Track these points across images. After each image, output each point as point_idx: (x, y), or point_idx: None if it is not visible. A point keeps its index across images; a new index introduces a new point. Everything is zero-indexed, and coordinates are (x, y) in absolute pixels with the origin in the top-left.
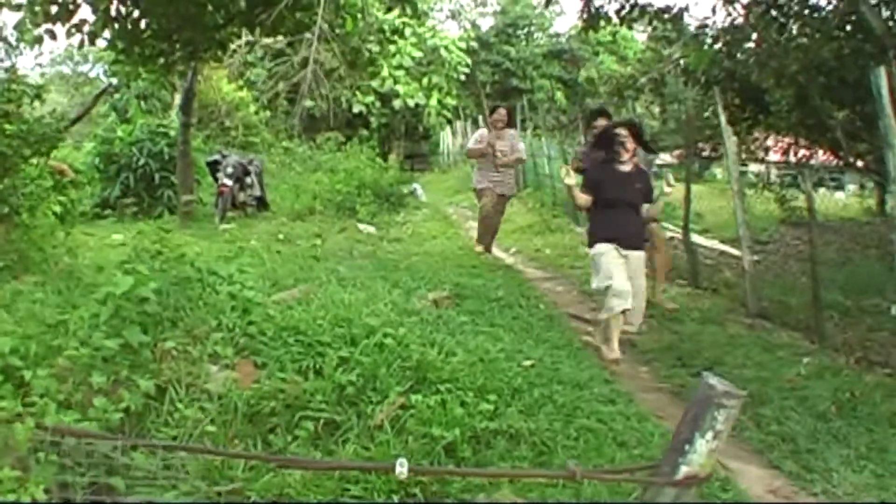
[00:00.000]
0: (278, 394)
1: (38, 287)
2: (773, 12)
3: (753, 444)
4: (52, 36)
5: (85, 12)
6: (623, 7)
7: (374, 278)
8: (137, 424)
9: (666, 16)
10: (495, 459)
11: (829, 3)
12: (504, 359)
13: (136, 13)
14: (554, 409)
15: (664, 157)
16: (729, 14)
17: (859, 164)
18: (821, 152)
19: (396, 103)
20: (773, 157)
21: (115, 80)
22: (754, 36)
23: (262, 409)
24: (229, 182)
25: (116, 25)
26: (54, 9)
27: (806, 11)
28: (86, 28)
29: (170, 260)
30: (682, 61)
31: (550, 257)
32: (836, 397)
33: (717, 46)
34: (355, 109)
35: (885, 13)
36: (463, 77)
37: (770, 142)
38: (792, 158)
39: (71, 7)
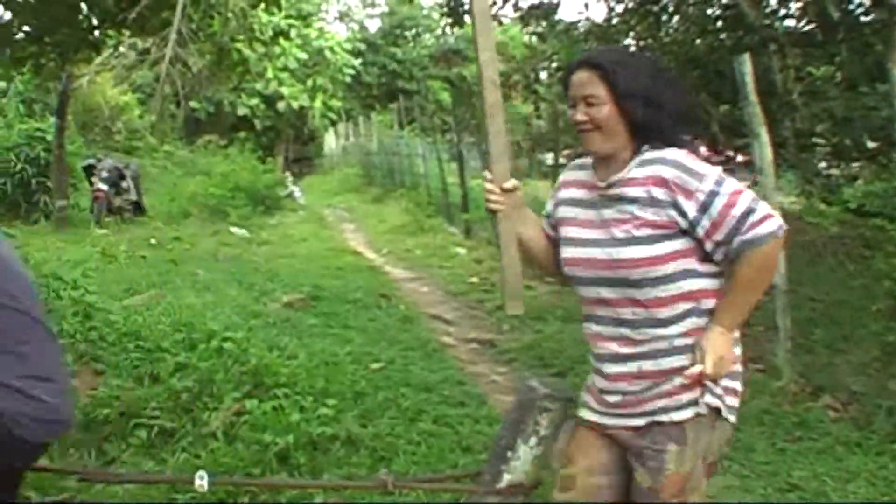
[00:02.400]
0: (114, 401)
1: None
2: (652, 7)
3: None
4: None
5: None
6: (494, 2)
7: (229, 282)
8: None
9: (537, 11)
10: (331, 466)
11: None
12: (351, 361)
13: (7, 15)
14: (398, 412)
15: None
16: (610, 11)
17: (740, 158)
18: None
19: (281, 105)
20: None
21: None
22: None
23: (97, 416)
24: (104, 186)
25: None
26: None
27: (683, 5)
28: None
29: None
30: (554, 58)
31: (420, 258)
32: None
33: (591, 42)
34: (240, 112)
35: (764, 5)
36: (349, 79)
37: None
38: None
39: None
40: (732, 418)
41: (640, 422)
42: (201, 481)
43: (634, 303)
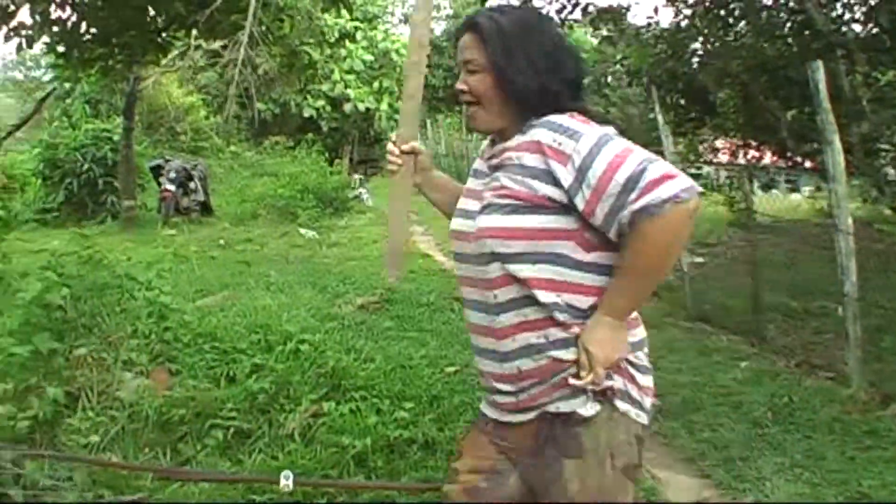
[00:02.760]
0: (189, 402)
1: None
2: (720, 12)
3: (684, 452)
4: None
5: (24, 15)
6: (564, 7)
7: (302, 283)
8: (49, 433)
9: (608, 15)
10: (408, 469)
11: (776, 1)
12: (426, 365)
13: (74, 17)
14: (474, 416)
15: None
16: (677, 14)
17: (808, 164)
18: (769, 153)
19: (347, 107)
20: (724, 158)
21: (57, 85)
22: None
23: (172, 417)
24: (172, 187)
25: (55, 29)
26: None
27: (751, 11)
28: (24, 32)
29: (88, 265)
30: (625, 62)
31: None
32: (772, 403)
33: (660, 47)
34: (306, 114)
35: (833, 12)
36: None
37: (720, 143)
38: (741, 160)
39: (10, 10)
40: (639, 417)
41: (529, 416)
42: (287, 481)
43: (487, 284)
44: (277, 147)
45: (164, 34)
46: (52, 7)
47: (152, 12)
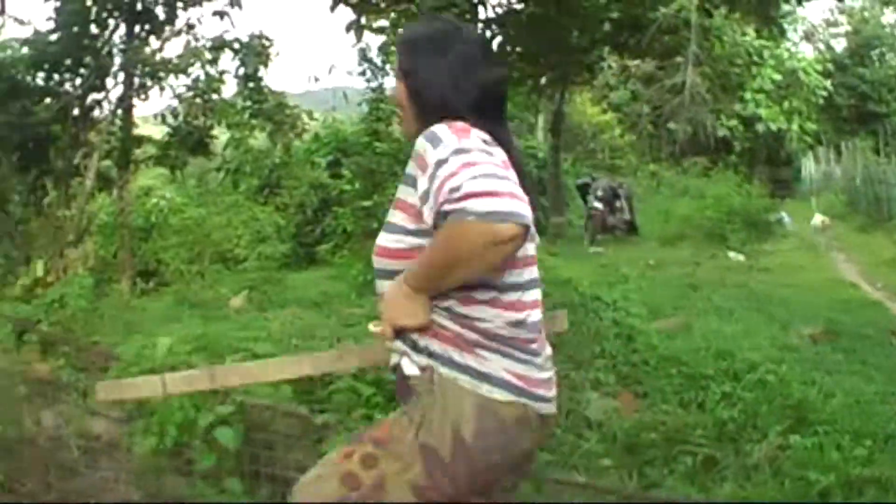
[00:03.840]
0: (658, 426)
1: None
2: None
3: None
4: None
5: None
6: None
7: (747, 309)
8: None
9: None
10: None
11: None
12: (879, 401)
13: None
14: None
15: None
16: None
17: None
18: None
19: (759, 127)
20: None
21: None
22: None
23: (640, 440)
24: (599, 205)
25: None
26: None
27: None
28: None
29: (551, 284)
30: None
31: None
32: None
33: None
34: (719, 133)
35: None
36: (821, 101)
37: None
38: None
39: None
40: (463, 380)
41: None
42: None
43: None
44: (696, 167)
45: (589, 54)
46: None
47: (575, 33)
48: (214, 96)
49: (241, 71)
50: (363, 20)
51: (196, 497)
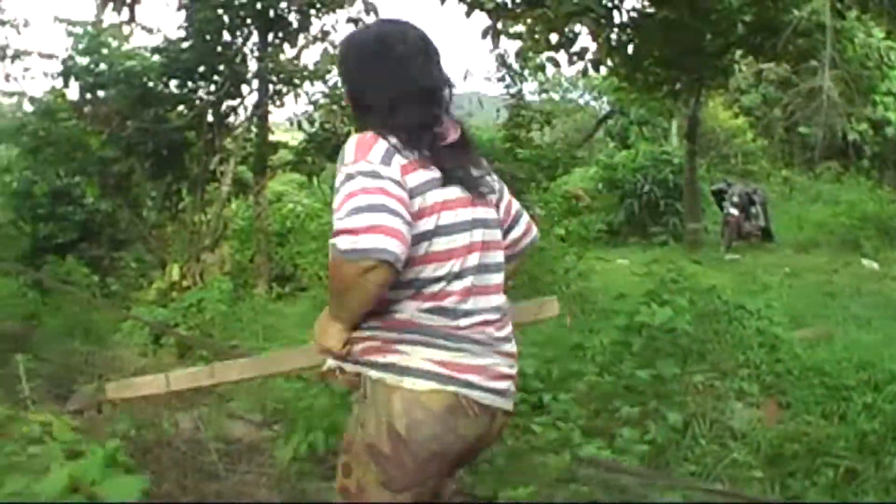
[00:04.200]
0: (801, 437)
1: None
2: None
3: None
4: (555, 63)
5: (585, 40)
6: None
7: (884, 318)
8: (657, 457)
9: None
10: None
11: None
12: None
13: (636, 41)
14: None
15: None
16: None
17: None
18: None
19: (888, 131)
20: None
21: (608, 107)
22: None
23: (784, 451)
24: (735, 211)
25: (617, 54)
26: (555, 37)
27: None
28: (588, 56)
29: (694, 292)
30: None
31: None
32: None
33: None
34: (850, 137)
35: None
36: None
37: None
38: None
39: (570, 36)
40: (387, 378)
41: None
42: None
43: None
44: (829, 171)
45: (723, 57)
46: (614, 33)
47: (708, 36)
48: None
49: None
50: (499, 25)
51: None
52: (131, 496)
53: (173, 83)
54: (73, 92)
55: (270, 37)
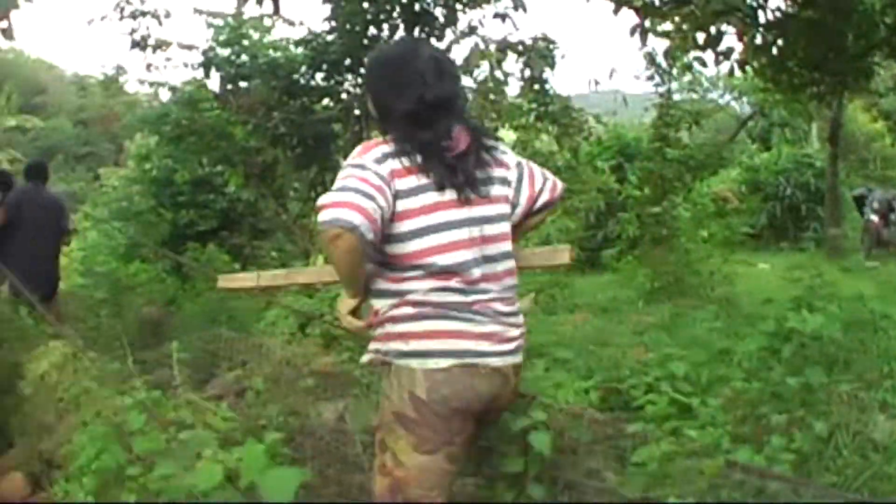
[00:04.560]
0: None
1: (695, 311)
2: None
3: None
4: (703, 63)
5: (731, 40)
6: None
7: None
8: (801, 466)
9: None
10: None
11: None
12: None
13: (780, 42)
14: None
15: None
16: None
17: None
18: None
19: None
20: None
21: (748, 108)
22: None
23: None
24: (875, 218)
25: (762, 54)
26: (702, 36)
27: None
28: (734, 56)
29: (841, 299)
30: None
31: None
32: None
33: None
34: None
35: None
36: None
37: None
38: None
39: (715, 35)
40: (412, 363)
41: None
42: None
43: None
44: None
45: (865, 59)
46: (759, 33)
47: (850, 37)
48: (496, 97)
49: (527, 73)
50: (647, 23)
51: (493, 498)
52: (290, 490)
53: (319, 76)
54: (213, 83)
55: (417, 31)
